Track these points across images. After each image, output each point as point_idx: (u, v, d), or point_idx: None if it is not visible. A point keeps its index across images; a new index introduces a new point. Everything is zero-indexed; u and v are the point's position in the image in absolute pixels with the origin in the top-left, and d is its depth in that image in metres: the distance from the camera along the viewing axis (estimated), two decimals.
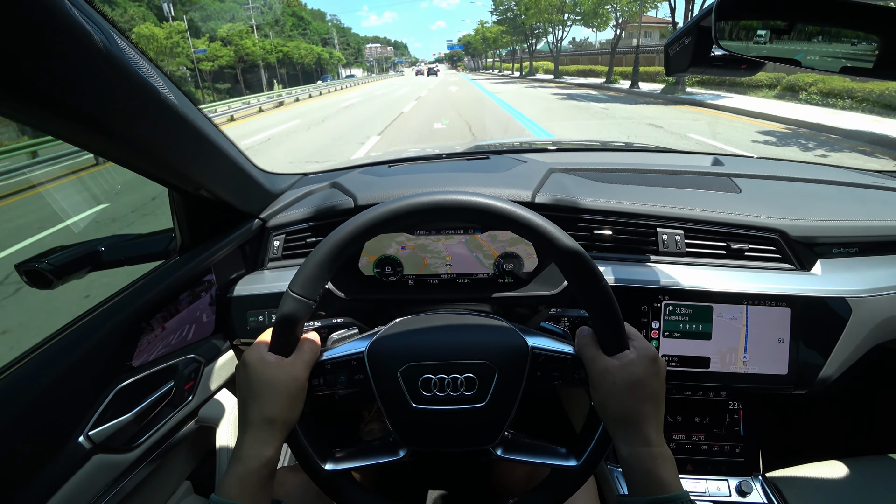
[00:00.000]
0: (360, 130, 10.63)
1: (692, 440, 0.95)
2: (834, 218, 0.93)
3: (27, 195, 6.42)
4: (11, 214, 5.69)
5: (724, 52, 0.64)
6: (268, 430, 0.53)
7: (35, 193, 6.43)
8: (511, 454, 0.59)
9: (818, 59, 0.62)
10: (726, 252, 0.91)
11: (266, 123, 14.07)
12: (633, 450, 0.52)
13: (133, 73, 0.53)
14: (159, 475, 0.81)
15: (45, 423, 0.60)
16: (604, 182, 1.03)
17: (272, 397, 0.53)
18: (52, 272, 0.76)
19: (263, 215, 1.00)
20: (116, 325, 0.69)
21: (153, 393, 0.74)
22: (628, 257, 0.93)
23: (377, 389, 0.58)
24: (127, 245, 0.87)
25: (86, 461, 0.63)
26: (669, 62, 0.73)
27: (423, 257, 0.91)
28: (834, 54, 0.62)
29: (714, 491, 0.90)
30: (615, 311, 0.54)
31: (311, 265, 0.54)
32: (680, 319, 0.87)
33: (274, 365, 0.55)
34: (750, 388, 0.88)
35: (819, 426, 1.23)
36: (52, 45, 0.43)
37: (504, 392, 0.57)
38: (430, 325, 0.62)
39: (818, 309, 0.84)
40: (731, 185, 1.05)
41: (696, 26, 0.66)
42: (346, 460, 0.59)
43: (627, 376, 0.53)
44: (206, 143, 0.72)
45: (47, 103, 0.47)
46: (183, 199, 0.82)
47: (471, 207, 0.54)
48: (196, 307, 0.87)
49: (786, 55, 0.63)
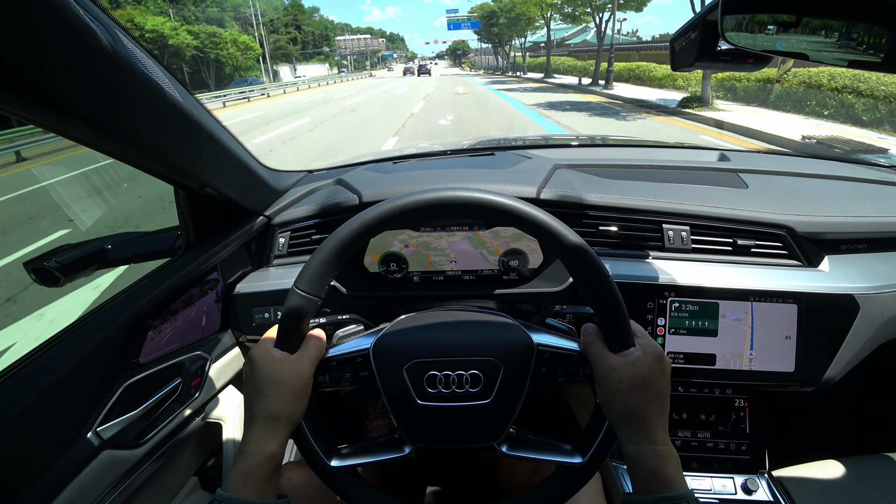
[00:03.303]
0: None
1: (698, 437, 0.95)
2: (842, 214, 0.92)
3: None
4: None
5: (730, 47, 0.63)
6: (272, 425, 0.54)
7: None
8: (516, 451, 0.59)
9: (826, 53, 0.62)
10: (732, 248, 0.91)
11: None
12: (639, 448, 0.52)
13: (138, 71, 0.53)
14: (167, 471, 0.82)
15: (53, 420, 0.60)
16: (609, 178, 1.03)
17: (277, 393, 0.54)
18: (60, 270, 0.77)
19: (269, 212, 1.00)
20: (123, 323, 0.69)
21: (160, 389, 0.75)
22: (634, 254, 0.92)
23: (382, 386, 0.58)
24: (133, 243, 0.87)
25: (94, 457, 0.64)
26: (675, 57, 0.72)
27: (428, 255, 0.91)
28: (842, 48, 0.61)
29: (720, 489, 0.90)
30: (620, 308, 0.53)
31: (315, 262, 0.54)
32: (686, 316, 0.86)
33: (279, 361, 0.55)
34: (756, 385, 0.88)
35: (826, 424, 1.22)
36: (57, 43, 0.43)
37: (509, 389, 0.57)
38: (435, 322, 0.62)
39: (825, 306, 0.83)
40: (738, 180, 1.05)
41: (702, 20, 0.65)
42: (352, 457, 0.59)
43: (633, 374, 0.53)
44: (211, 140, 0.73)
45: (52, 102, 0.47)
46: (188, 196, 0.83)
47: (474, 204, 0.53)
48: (202, 304, 0.87)
49: (793, 49, 0.62)
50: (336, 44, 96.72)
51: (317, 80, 38.04)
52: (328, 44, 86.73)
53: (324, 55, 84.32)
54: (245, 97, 22.21)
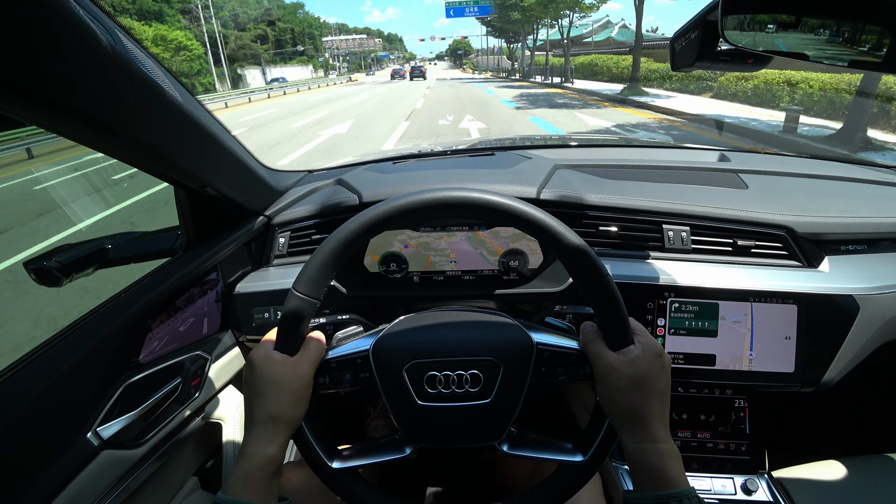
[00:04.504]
0: None
1: (698, 438, 0.95)
2: (842, 214, 0.92)
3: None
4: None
5: (730, 47, 0.64)
6: (272, 428, 0.54)
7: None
8: (517, 450, 0.59)
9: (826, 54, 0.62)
10: (733, 249, 0.91)
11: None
12: (639, 446, 0.52)
13: (138, 71, 0.53)
14: (166, 471, 0.82)
15: (53, 420, 0.60)
16: (609, 178, 1.03)
17: (277, 396, 0.54)
18: (60, 270, 0.77)
19: (269, 212, 1.00)
20: (123, 322, 0.69)
21: (160, 389, 0.75)
22: (634, 254, 0.92)
23: (382, 387, 0.58)
24: (133, 243, 0.87)
25: (94, 457, 0.64)
26: (675, 57, 0.72)
27: (428, 255, 0.91)
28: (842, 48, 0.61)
29: (719, 489, 0.90)
30: (619, 307, 0.53)
31: (314, 265, 0.54)
32: (686, 317, 0.86)
33: (279, 363, 0.55)
34: (756, 385, 0.88)
35: (826, 424, 1.22)
36: (58, 43, 0.43)
37: (509, 388, 0.57)
38: (435, 323, 0.62)
39: (825, 306, 0.83)
40: (738, 181, 1.05)
41: (702, 21, 0.65)
42: (353, 458, 0.59)
43: (633, 372, 0.53)
44: (212, 140, 0.73)
45: (53, 102, 0.47)
46: (189, 196, 0.83)
47: (471, 204, 0.53)
48: (202, 304, 0.87)
49: (793, 49, 0.62)
50: (322, 44, 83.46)
51: (246, 93, 30.18)
52: (312, 43, 74.06)
53: (306, 56, 71.42)
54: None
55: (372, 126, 11.41)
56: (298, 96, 27.29)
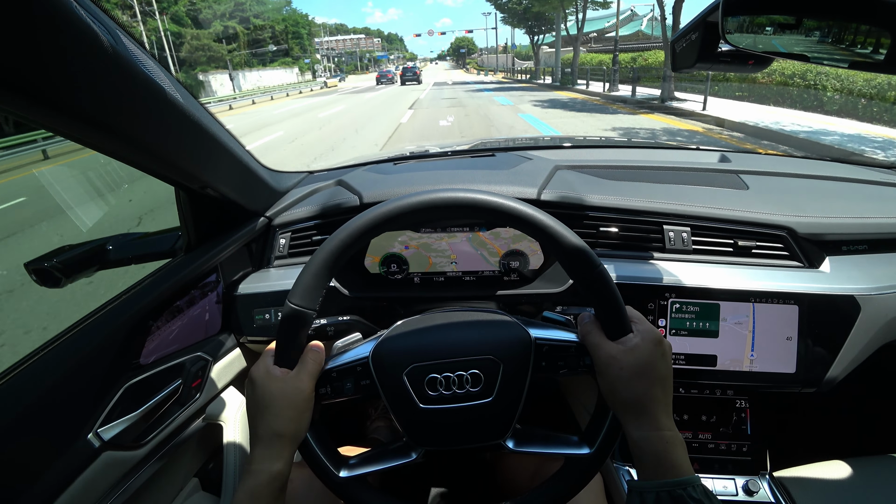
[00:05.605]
0: None
1: (699, 439, 0.94)
2: (843, 215, 0.92)
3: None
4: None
5: (731, 48, 0.63)
6: (277, 444, 0.53)
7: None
8: (523, 446, 0.59)
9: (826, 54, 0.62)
10: (733, 249, 0.91)
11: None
12: (643, 434, 0.51)
13: (139, 72, 0.53)
14: (167, 472, 0.82)
15: (53, 421, 0.60)
16: (610, 179, 1.03)
17: (279, 411, 0.54)
18: (61, 271, 0.77)
19: (269, 213, 1.00)
20: (124, 323, 0.69)
21: (161, 391, 0.75)
22: (634, 255, 0.92)
23: (384, 393, 0.58)
24: (134, 243, 0.87)
25: (94, 459, 0.64)
26: (676, 58, 0.72)
27: (428, 256, 0.91)
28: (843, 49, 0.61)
29: (721, 490, 0.90)
30: (615, 296, 0.53)
31: (307, 275, 0.54)
32: (686, 317, 0.86)
33: (279, 378, 0.55)
34: (757, 386, 0.88)
35: (827, 425, 1.22)
36: (59, 44, 0.43)
37: (510, 385, 0.57)
38: (432, 325, 0.62)
39: (827, 307, 0.83)
40: (739, 181, 1.04)
41: (703, 22, 0.65)
42: (360, 466, 0.59)
43: (633, 361, 0.52)
44: (212, 141, 0.73)
45: (54, 103, 0.47)
46: (189, 197, 0.83)
47: (469, 205, 0.53)
48: (203, 305, 0.87)
49: (794, 50, 0.62)
50: (312, 44, 69.88)
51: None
52: (299, 43, 61.63)
53: (291, 58, 59.18)
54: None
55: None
56: (228, 116, 17.93)
